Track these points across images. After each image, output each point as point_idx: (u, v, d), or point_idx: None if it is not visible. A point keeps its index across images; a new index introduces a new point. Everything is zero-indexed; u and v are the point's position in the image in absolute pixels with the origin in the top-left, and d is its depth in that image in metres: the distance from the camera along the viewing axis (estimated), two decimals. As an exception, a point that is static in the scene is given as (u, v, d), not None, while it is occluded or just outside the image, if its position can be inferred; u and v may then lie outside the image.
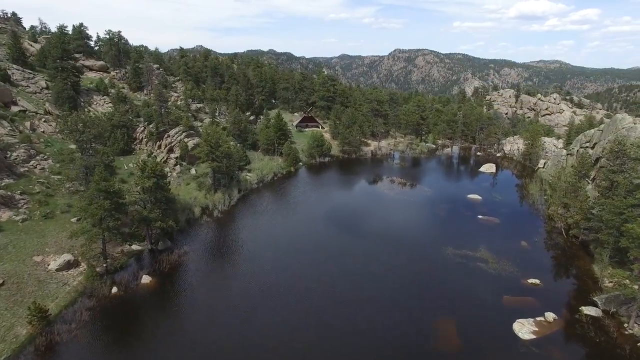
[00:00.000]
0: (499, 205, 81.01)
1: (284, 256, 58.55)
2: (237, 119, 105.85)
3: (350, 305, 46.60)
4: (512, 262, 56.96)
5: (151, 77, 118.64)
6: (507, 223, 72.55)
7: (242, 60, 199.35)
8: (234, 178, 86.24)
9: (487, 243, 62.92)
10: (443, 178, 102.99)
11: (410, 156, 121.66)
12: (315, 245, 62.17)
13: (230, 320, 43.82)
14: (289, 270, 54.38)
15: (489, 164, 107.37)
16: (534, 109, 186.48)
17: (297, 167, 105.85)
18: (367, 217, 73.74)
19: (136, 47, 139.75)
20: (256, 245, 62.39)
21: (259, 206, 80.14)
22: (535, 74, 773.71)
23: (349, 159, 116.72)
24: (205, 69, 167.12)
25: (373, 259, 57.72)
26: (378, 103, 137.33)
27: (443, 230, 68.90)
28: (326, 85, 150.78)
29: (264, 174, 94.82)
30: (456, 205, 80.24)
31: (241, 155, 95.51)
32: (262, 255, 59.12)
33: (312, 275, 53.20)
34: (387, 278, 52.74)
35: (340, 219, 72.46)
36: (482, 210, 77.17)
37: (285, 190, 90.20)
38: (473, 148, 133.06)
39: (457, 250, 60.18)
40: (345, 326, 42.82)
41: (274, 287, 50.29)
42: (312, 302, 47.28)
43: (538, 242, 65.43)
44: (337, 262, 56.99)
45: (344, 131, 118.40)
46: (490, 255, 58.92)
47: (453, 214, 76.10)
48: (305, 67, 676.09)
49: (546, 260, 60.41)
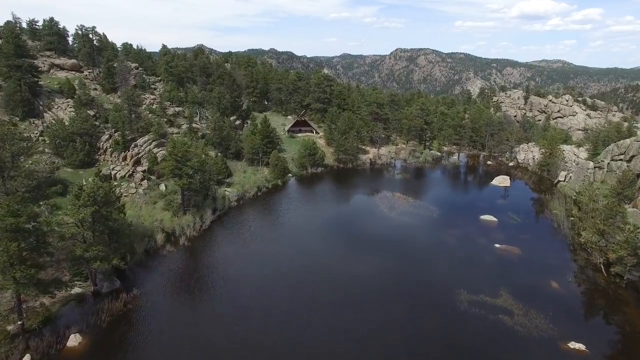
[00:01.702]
0: (518, 230, 68.35)
1: (260, 301, 45.99)
2: (219, 124, 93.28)
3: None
4: (543, 315, 44.37)
5: (127, 77, 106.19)
6: (530, 254, 59.79)
7: (236, 59, 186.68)
8: (209, 195, 73.86)
9: (509, 284, 50.39)
10: (451, 193, 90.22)
11: (413, 166, 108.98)
12: (293, 290, 49.61)
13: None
14: (266, 324, 41.87)
15: (502, 177, 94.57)
16: (544, 111, 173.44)
17: (286, 179, 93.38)
18: (360, 250, 60.58)
19: (113, 44, 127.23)
20: (228, 283, 50.11)
21: (235, 230, 67.75)
22: (538, 73, 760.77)
23: (345, 169, 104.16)
24: (193, 68, 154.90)
25: (365, 311, 45.10)
26: (378, 106, 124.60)
27: (453, 265, 56.10)
28: (322, 85, 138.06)
29: (245, 189, 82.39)
30: (468, 231, 67.59)
31: (220, 167, 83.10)
32: (236, 296, 46.77)
33: (286, 334, 40.68)
34: (382, 339, 40.21)
35: (327, 254, 59.35)
36: (498, 237, 64.51)
37: (269, 208, 77.81)
38: (481, 156, 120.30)
39: (472, 296, 47.62)
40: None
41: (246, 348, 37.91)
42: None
43: (571, 282, 52.75)
44: (315, 315, 44.46)
45: (340, 138, 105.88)
46: (514, 303, 46.40)
47: (465, 243, 63.37)
48: (306, 66, 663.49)
49: (587, 310, 47.84)
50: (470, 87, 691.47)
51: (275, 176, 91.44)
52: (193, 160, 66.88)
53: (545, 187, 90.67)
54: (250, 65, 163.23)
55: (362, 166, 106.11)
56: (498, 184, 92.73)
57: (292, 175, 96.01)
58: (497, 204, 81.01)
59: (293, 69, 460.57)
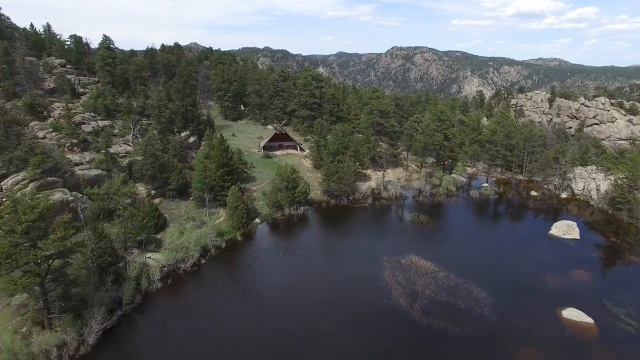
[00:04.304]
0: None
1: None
2: (151, 147, 61.22)
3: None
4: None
5: (35, 77, 74.18)
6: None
7: (216, 57, 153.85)
8: (108, 274, 42.23)
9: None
10: (495, 254, 57.65)
11: (431, 199, 77.24)
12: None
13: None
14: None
15: (565, 223, 62.87)
16: (576, 116, 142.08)
17: (251, 228, 61.79)
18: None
19: (26, 29, 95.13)
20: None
21: (144, 349, 36.41)
22: (535, 72, 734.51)
23: (338, 207, 72.37)
24: (157, 66, 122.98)
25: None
26: (381, 115, 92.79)
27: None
28: (309, 87, 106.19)
29: (178, 255, 50.82)
30: (549, 350, 36.42)
31: (142, 220, 51.37)
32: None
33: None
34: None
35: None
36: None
37: (211, 294, 46.24)
38: (516, 180, 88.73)
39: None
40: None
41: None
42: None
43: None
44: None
45: (331, 162, 74.29)
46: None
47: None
48: (301, 64, 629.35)
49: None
50: (468, 85, 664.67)
51: (235, 224, 59.92)
52: (59, 233, 35.12)
53: (637, 240, 59.48)
54: (221, 62, 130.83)
55: (362, 201, 74.24)
56: (561, 234, 61.37)
57: (260, 222, 64.40)
58: (576, 281, 49.60)
59: (288, 67, 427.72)
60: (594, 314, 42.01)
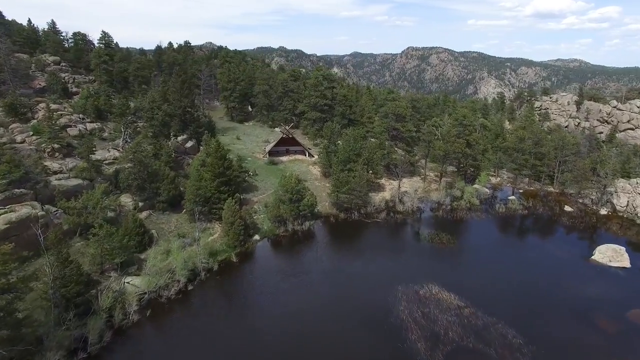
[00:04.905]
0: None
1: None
2: (139, 154, 54.45)
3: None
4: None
5: (22, 75, 68.33)
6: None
7: (220, 55, 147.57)
8: (74, 307, 35.52)
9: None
10: (530, 285, 48.50)
11: (452, 215, 68.79)
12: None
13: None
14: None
15: (611, 248, 54.10)
16: (607, 120, 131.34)
17: (248, 246, 54.54)
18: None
19: (16, 23, 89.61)
20: None
21: None
22: (553, 73, 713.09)
23: (348, 221, 64.66)
24: (157, 64, 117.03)
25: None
26: (397, 119, 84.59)
27: None
28: (320, 87, 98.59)
29: (161, 281, 43.80)
30: None
31: (121, 238, 44.48)
32: None
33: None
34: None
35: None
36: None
37: (191, 331, 38.99)
38: (544, 193, 79.62)
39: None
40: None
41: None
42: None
43: None
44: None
45: (341, 171, 66.64)
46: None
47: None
48: (315, 64, 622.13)
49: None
50: (484, 87, 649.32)
51: (231, 242, 52.75)
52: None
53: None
54: (227, 60, 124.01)
55: (375, 215, 66.38)
56: (607, 261, 52.56)
57: (259, 238, 57.10)
58: (635, 325, 40.99)
59: (302, 67, 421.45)
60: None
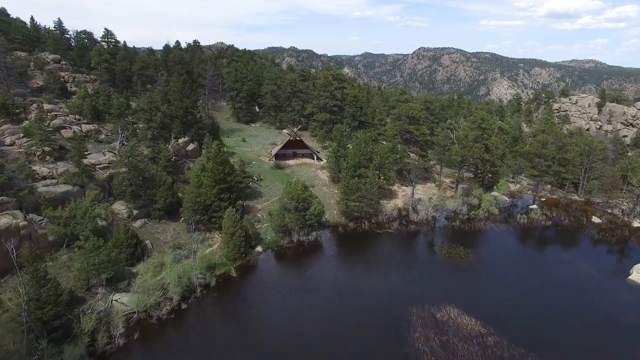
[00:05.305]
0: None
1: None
2: (134, 158, 50.60)
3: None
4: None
5: (17, 73, 65.12)
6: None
7: (227, 53, 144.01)
8: (50, 331, 31.68)
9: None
10: (562, 312, 43.34)
11: (469, 225, 63.65)
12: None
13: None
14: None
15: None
16: (632, 123, 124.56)
17: (250, 259, 50.28)
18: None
19: (13, 18, 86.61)
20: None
21: None
22: (568, 74, 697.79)
23: (357, 232, 60.00)
24: (164, 64, 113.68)
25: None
26: (411, 121, 79.67)
27: None
28: (329, 88, 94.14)
29: (151, 300, 39.75)
30: None
31: (109, 255, 40.56)
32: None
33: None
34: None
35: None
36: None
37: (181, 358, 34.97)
38: (564, 201, 73.92)
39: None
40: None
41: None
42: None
43: None
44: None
45: (350, 177, 62.07)
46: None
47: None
48: (326, 65, 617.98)
49: None
50: (497, 87, 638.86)
51: (231, 254, 48.59)
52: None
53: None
54: (234, 59, 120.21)
55: (386, 225, 61.64)
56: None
57: (262, 250, 52.82)
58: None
59: (312, 67, 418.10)
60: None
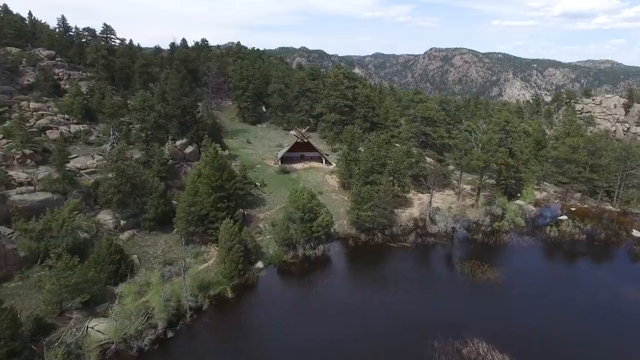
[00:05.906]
0: None
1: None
2: (122, 163, 45.44)
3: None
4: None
5: (4, 69, 60.52)
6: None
7: (233, 51, 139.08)
8: None
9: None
10: (610, 348, 37.65)
11: (494, 238, 57.11)
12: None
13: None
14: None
15: None
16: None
17: (249, 277, 44.64)
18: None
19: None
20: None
21: None
22: (583, 74, 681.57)
23: (369, 245, 54.01)
24: (170, 62, 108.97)
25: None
26: (427, 123, 73.45)
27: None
28: (340, 87, 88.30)
29: (132, 329, 34.32)
30: None
31: (85, 275, 35.29)
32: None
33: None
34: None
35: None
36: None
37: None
38: (595, 210, 66.99)
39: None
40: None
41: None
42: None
43: None
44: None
45: (362, 186, 56.12)
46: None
47: None
48: (337, 65, 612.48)
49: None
50: (509, 88, 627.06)
51: (227, 271, 43.02)
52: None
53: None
54: (240, 57, 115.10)
55: (401, 238, 55.50)
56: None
57: (263, 266, 47.16)
58: None
59: (323, 67, 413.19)
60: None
